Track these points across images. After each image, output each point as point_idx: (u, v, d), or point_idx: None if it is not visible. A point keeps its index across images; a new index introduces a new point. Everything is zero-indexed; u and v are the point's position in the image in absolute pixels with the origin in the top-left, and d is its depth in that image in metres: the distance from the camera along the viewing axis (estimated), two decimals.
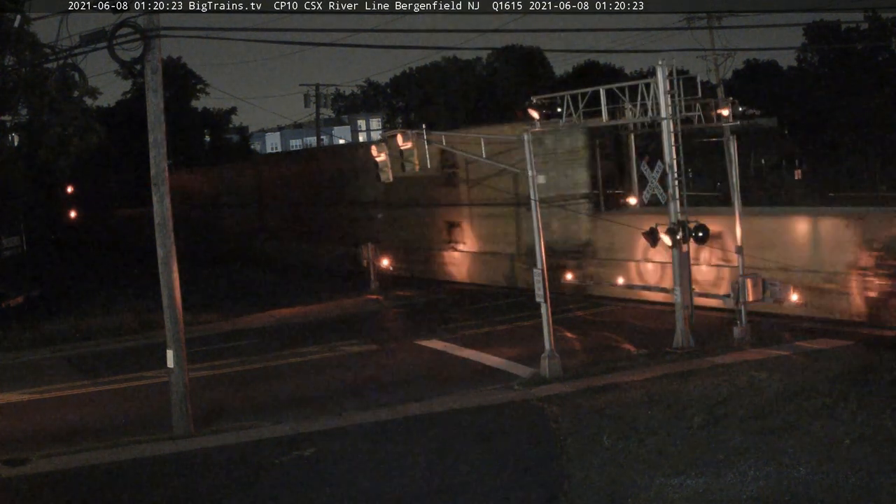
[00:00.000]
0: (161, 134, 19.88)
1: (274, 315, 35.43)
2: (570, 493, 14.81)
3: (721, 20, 44.14)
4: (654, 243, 25.25)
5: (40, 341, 31.81)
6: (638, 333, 27.17)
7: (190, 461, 18.09)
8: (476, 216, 39.64)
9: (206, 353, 27.57)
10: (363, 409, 21.08)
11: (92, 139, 31.24)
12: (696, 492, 14.22)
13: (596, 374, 22.49)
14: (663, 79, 25.03)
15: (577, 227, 34.41)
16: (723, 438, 16.51)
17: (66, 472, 17.75)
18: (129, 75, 65.97)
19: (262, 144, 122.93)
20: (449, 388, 22.38)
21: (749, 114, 40.36)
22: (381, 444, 18.28)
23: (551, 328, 22.81)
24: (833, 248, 26.51)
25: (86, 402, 23.99)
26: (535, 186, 23.30)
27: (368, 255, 39.77)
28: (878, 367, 20.57)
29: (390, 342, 29.11)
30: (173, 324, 19.93)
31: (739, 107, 30.32)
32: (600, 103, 26.87)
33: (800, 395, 18.67)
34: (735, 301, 24.96)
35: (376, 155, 25.29)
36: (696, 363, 22.66)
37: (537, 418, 19.37)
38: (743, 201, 25.75)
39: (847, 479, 14.16)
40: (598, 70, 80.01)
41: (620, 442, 16.85)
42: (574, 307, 31.63)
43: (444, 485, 15.72)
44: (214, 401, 22.57)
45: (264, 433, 19.61)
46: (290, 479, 16.57)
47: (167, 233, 19.96)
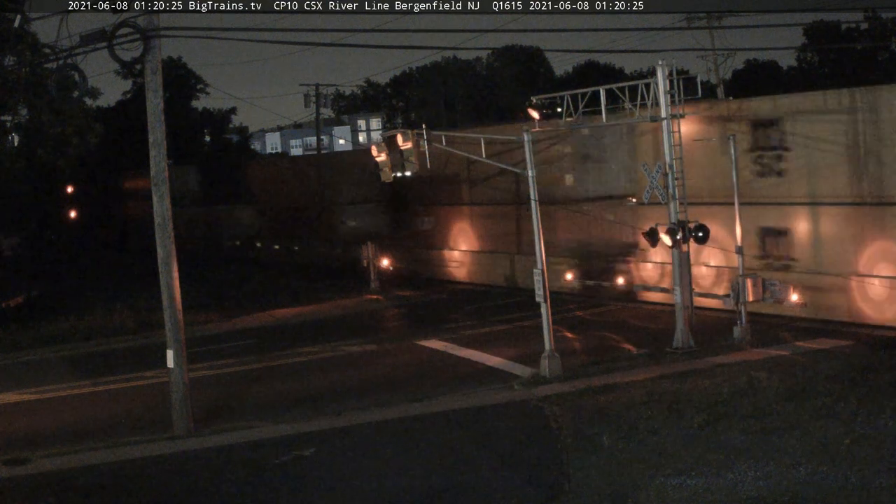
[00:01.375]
0: (161, 134, 19.89)
1: (274, 315, 35.43)
2: (570, 493, 14.81)
3: (721, 20, 44.12)
4: (655, 243, 25.25)
5: (40, 341, 31.81)
6: (638, 333, 27.18)
7: (190, 461, 18.10)
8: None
9: (206, 353, 27.58)
10: (363, 409, 21.07)
11: (92, 139, 31.25)
12: (696, 492, 14.21)
13: (596, 374, 22.48)
14: (663, 79, 25.04)
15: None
16: (723, 438, 16.51)
17: (66, 472, 17.75)
18: (129, 75, 66.22)
19: (262, 144, 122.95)
20: (449, 388, 22.39)
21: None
22: (381, 444, 18.28)
23: (551, 328, 22.82)
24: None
25: (86, 402, 24.00)
26: (535, 186, 23.32)
27: (368, 254, 39.76)
28: (878, 367, 20.59)
29: (390, 342, 29.12)
30: (173, 324, 19.93)
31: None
32: (600, 103, 26.88)
33: (800, 395, 18.68)
34: (735, 301, 24.98)
35: (376, 155, 25.31)
36: (696, 363, 22.67)
37: (537, 418, 19.37)
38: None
39: (847, 479, 14.16)
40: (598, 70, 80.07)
41: (620, 442, 16.85)
42: (574, 307, 31.64)
43: (443, 485, 15.72)
44: (214, 401, 22.57)
45: (264, 433, 19.61)
46: (290, 479, 16.57)
47: (167, 233, 19.96)
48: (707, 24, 44.64)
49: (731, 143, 25.27)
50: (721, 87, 44.83)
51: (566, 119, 27.90)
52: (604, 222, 33.34)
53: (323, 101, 65.83)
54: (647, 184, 25.25)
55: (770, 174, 28.05)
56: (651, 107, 25.51)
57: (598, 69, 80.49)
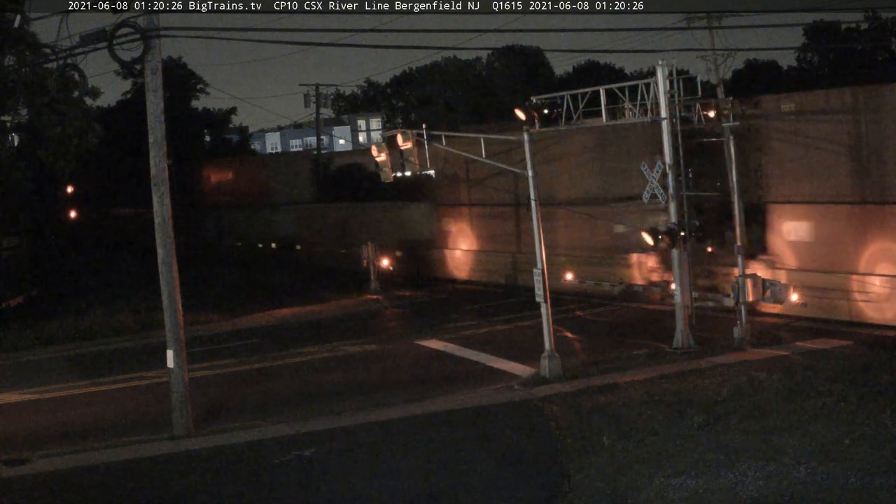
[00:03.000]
0: (161, 134, 19.88)
1: (274, 315, 35.43)
2: (570, 493, 14.81)
3: (721, 20, 44.07)
4: (655, 243, 25.22)
5: (40, 341, 31.79)
6: (638, 333, 27.19)
7: (190, 461, 18.09)
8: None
9: (206, 353, 27.60)
10: (363, 409, 21.08)
11: (92, 139, 31.19)
12: (696, 492, 14.21)
13: (596, 374, 22.49)
14: (663, 79, 25.01)
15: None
16: (723, 438, 16.51)
17: (66, 472, 17.75)
18: (129, 75, 66.08)
19: (262, 144, 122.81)
20: (449, 389, 22.39)
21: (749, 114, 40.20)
22: (381, 444, 18.28)
23: (551, 328, 22.82)
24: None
25: (86, 402, 23.99)
26: (535, 186, 23.31)
27: (368, 254, 39.67)
28: (878, 367, 20.59)
29: (390, 342, 29.11)
30: (173, 324, 19.93)
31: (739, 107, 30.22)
32: (600, 103, 26.84)
33: (800, 395, 18.68)
34: (735, 301, 24.96)
35: (376, 155, 25.31)
36: (696, 363, 22.67)
37: (537, 418, 19.37)
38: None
39: (847, 479, 14.16)
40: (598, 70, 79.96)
41: (620, 442, 16.85)
42: (574, 307, 31.65)
43: (443, 485, 15.72)
44: (214, 401, 22.57)
45: (264, 433, 19.62)
46: (290, 479, 16.58)
47: (167, 233, 19.95)
48: (707, 24, 44.61)
49: (731, 144, 25.27)
50: (721, 86, 44.78)
51: (565, 120, 27.86)
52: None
53: (323, 101, 65.82)
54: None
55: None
56: (651, 107, 25.50)
57: (599, 69, 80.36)
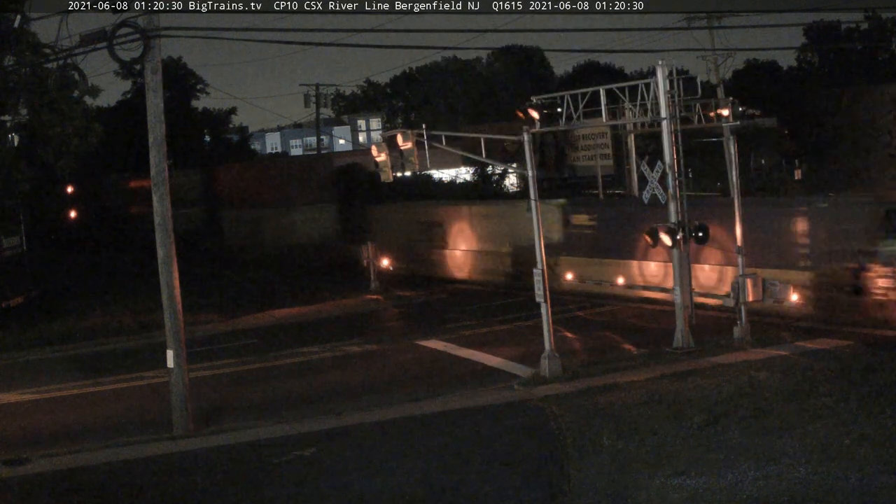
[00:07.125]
0: (161, 134, 19.88)
1: (274, 315, 35.41)
2: (570, 493, 14.80)
3: (721, 20, 44.16)
4: (655, 243, 25.22)
5: (40, 341, 31.77)
6: (638, 333, 27.18)
7: (190, 461, 18.09)
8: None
9: (206, 353, 27.58)
10: (363, 409, 21.07)
11: (92, 139, 31.20)
12: (696, 492, 14.21)
13: (596, 374, 22.47)
14: (663, 79, 25.01)
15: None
16: (723, 438, 16.50)
17: (66, 472, 17.75)
18: (129, 75, 66.17)
19: (262, 144, 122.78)
20: (449, 389, 22.39)
21: (749, 114, 40.27)
22: (380, 445, 18.28)
23: (551, 328, 22.81)
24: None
25: (86, 402, 23.99)
26: (535, 186, 23.31)
27: (368, 254, 39.64)
28: (878, 367, 20.58)
29: (390, 342, 29.10)
30: (173, 324, 19.93)
31: (739, 107, 30.24)
32: (600, 103, 26.86)
33: (800, 395, 18.67)
34: (735, 301, 24.94)
35: (376, 155, 25.28)
36: (696, 363, 22.65)
37: (537, 418, 19.35)
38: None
39: (847, 479, 14.15)
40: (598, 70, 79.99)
41: (620, 442, 16.84)
42: (574, 307, 31.63)
43: (443, 485, 15.71)
44: (214, 401, 22.57)
45: (264, 433, 19.61)
46: (290, 479, 16.56)
47: (167, 233, 19.95)
48: (707, 24, 44.67)
49: (731, 144, 25.28)
50: (721, 87, 44.81)
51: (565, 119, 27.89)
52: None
53: (323, 101, 65.95)
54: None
55: None
56: (651, 107, 25.52)
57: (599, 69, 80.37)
